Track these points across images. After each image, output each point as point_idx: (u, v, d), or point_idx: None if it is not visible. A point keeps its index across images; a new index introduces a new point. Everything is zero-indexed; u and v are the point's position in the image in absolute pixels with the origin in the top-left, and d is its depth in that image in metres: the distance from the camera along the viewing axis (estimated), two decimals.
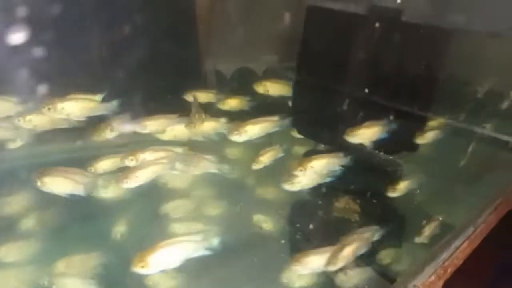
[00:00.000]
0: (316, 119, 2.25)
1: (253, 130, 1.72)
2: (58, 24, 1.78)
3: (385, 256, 1.63)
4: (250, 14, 2.66)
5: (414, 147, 2.07)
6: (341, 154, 1.68)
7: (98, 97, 1.63)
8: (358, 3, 2.23)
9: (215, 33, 2.67)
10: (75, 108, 1.54)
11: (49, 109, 1.50)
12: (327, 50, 2.17)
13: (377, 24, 1.99)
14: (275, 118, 1.78)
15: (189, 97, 1.99)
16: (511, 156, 2.50)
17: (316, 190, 1.68)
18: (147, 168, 1.55)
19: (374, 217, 1.82)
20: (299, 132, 2.24)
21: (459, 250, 1.64)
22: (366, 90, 2.04)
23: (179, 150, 1.70)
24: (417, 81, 2.16)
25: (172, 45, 2.22)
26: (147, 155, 1.60)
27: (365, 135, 1.78)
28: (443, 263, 1.56)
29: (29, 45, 1.65)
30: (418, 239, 1.73)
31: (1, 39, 1.53)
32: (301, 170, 1.60)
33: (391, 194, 1.80)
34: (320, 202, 1.83)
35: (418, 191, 1.94)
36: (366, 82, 2.12)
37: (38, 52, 1.68)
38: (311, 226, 1.71)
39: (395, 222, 1.83)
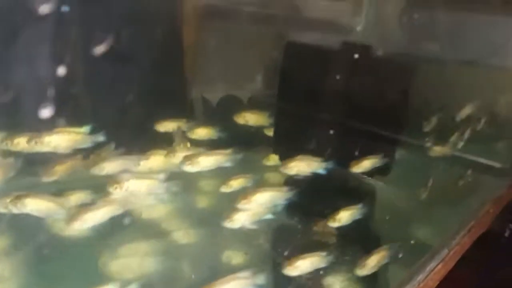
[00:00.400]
0: (295, 145, 2.33)
1: (206, 161, 1.74)
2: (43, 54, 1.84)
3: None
4: (235, 45, 2.77)
5: (387, 169, 2.16)
6: (285, 188, 1.70)
7: (85, 129, 1.63)
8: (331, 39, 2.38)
9: (201, 63, 2.77)
10: (62, 141, 1.55)
11: (36, 143, 1.50)
12: (305, 81, 2.30)
13: (348, 57, 2.12)
14: (228, 151, 1.81)
15: (159, 127, 2.02)
16: (483, 178, 2.62)
17: (292, 214, 1.73)
18: (99, 210, 1.50)
19: (351, 239, 1.89)
20: (281, 160, 2.32)
21: (433, 272, 1.71)
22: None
23: (161, 177, 1.70)
24: (389, 108, 2.29)
25: (160, 74, 2.30)
26: (131, 184, 1.60)
27: (298, 168, 1.84)
28: (418, 285, 1.63)
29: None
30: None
31: None
32: (245, 204, 1.61)
33: (332, 223, 1.78)
34: (299, 226, 1.90)
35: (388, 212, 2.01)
36: (343, 110, 2.24)
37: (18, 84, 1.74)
38: (290, 250, 1.75)
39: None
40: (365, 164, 2.03)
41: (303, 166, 1.84)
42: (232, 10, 2.75)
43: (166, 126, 2.05)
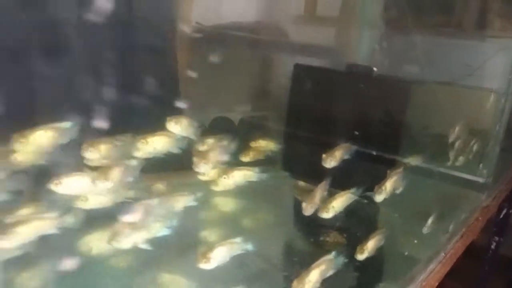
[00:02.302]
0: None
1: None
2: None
3: None
4: (227, 68, 2.86)
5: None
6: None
7: (65, 124, 1.48)
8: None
9: (193, 85, 2.84)
10: (46, 138, 1.38)
11: (21, 142, 1.34)
12: (311, 102, 2.42)
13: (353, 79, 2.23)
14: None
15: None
16: (467, 192, 2.72)
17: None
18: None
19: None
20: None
21: (434, 271, 1.79)
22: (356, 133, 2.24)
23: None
24: (386, 128, 2.39)
25: (151, 96, 2.35)
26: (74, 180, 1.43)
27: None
28: (421, 284, 1.69)
29: None
30: None
31: None
32: None
33: None
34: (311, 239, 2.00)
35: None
36: (342, 131, 2.34)
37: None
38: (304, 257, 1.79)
39: None
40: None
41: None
42: (223, 34, 2.86)
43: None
